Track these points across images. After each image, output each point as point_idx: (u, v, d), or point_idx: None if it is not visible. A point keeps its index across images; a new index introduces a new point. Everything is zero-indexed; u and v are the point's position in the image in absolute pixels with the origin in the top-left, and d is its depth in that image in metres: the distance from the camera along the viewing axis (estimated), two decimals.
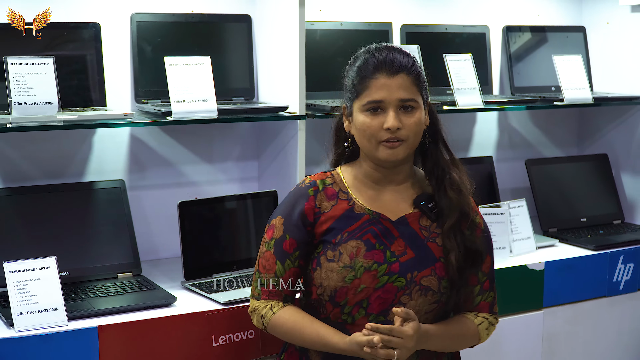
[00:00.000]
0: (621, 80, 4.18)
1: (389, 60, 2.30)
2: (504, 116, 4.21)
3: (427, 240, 2.35)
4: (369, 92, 2.29)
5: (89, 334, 2.55)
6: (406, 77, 2.30)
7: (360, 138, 2.33)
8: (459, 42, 3.92)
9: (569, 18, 4.34)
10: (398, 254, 2.32)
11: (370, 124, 2.28)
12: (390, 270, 2.30)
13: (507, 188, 4.15)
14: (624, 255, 3.67)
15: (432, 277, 2.32)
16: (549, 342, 3.51)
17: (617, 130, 4.23)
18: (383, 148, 2.29)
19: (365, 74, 2.31)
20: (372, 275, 2.29)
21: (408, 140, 2.30)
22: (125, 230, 3.08)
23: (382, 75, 2.29)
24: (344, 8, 3.69)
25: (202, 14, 3.33)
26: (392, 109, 2.27)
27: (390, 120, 2.26)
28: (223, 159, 3.49)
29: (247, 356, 2.80)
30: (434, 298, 2.32)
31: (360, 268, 2.29)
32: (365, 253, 2.30)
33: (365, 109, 2.30)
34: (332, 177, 2.43)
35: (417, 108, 2.31)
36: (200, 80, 2.96)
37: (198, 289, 2.93)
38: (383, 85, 2.28)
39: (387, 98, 2.27)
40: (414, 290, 2.30)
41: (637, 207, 4.18)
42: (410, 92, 2.30)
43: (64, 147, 3.18)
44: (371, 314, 2.30)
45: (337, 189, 2.40)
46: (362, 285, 2.28)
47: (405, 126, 2.28)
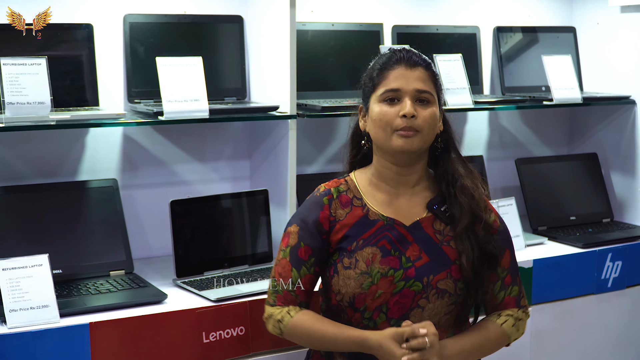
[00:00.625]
0: (611, 80, 4.22)
1: (407, 55, 2.38)
2: (494, 116, 4.25)
3: (441, 244, 2.39)
4: (386, 82, 2.36)
5: (80, 330, 2.59)
6: (424, 71, 2.37)
7: (376, 129, 2.37)
8: (450, 43, 3.96)
9: (560, 18, 4.37)
10: (413, 259, 2.36)
11: (387, 111, 2.33)
12: (407, 275, 2.34)
13: (498, 187, 4.19)
14: (612, 253, 3.70)
15: (448, 280, 2.35)
16: (537, 338, 3.55)
17: (607, 129, 4.27)
18: (397, 137, 2.33)
19: (384, 67, 2.38)
20: (389, 280, 2.33)
21: (422, 132, 2.34)
22: (118, 229, 3.12)
23: (400, 67, 2.36)
24: (336, 9, 3.72)
25: (194, 14, 3.37)
26: (408, 97, 2.33)
27: (407, 107, 2.31)
28: (215, 158, 3.53)
29: (237, 352, 2.83)
30: (451, 300, 2.36)
31: (377, 274, 2.33)
32: (381, 259, 2.34)
33: (382, 99, 2.35)
34: (345, 183, 2.47)
35: (432, 102, 2.37)
36: (191, 80, 3.00)
37: (189, 286, 2.96)
38: (401, 75, 2.35)
39: (404, 87, 2.34)
40: (430, 294, 2.34)
41: (626, 205, 4.21)
42: (427, 85, 2.36)
43: (58, 146, 3.22)
44: (392, 319, 2.34)
45: (352, 195, 2.44)
46: (379, 291, 2.32)
47: (421, 116, 2.33)
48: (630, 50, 4.11)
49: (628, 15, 4.09)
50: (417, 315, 2.34)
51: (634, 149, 4.14)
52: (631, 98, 4.09)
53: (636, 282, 3.83)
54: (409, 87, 2.33)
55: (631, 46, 4.10)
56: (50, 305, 2.60)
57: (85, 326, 2.59)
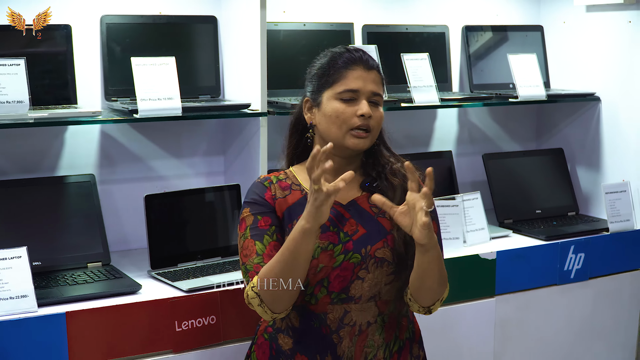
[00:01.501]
0: (577, 77, 4.33)
1: (364, 58, 2.48)
2: (463, 112, 4.36)
3: (377, 216, 2.49)
4: (345, 82, 2.44)
5: (57, 319, 2.70)
6: (377, 75, 2.49)
7: (330, 125, 2.45)
8: (420, 42, 4.07)
9: (527, 17, 4.48)
10: (351, 234, 2.45)
11: (345, 110, 2.42)
12: (346, 249, 2.43)
13: (467, 182, 4.31)
14: (574, 245, 3.81)
15: (385, 249, 2.45)
16: (502, 328, 3.66)
17: (573, 125, 4.38)
18: (351, 136, 2.43)
19: (341, 65, 2.47)
20: (329, 254, 2.41)
21: (373, 132, 2.45)
22: (95, 223, 3.23)
23: (359, 68, 2.46)
24: (307, 9, 3.83)
25: (169, 15, 3.47)
26: (365, 98, 2.44)
27: (365, 107, 2.42)
28: (190, 154, 3.64)
29: (208, 341, 2.94)
30: (390, 269, 2.45)
31: (317, 249, 2.41)
32: (320, 235, 2.42)
33: (340, 97, 2.44)
34: (285, 174, 2.56)
35: (381, 104, 2.49)
36: (165, 79, 3.10)
37: (163, 277, 3.08)
38: (360, 77, 2.45)
39: (362, 88, 2.44)
40: (370, 264, 2.43)
41: (591, 199, 4.33)
42: (379, 88, 2.48)
43: (38, 143, 3.32)
44: (333, 292, 2.43)
45: (290, 182, 2.53)
46: (320, 265, 2.41)
47: (374, 117, 2.44)
48: (595, 49, 4.22)
49: (593, 15, 4.21)
50: (358, 287, 2.42)
51: (598, 144, 4.25)
52: (596, 95, 4.21)
53: (599, 273, 3.94)
54: (367, 88, 2.44)
55: (596, 44, 4.21)
56: (28, 295, 2.71)
57: (61, 315, 2.70)
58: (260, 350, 2.56)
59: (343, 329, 2.44)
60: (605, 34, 4.16)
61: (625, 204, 3.97)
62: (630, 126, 4.09)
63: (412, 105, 3.62)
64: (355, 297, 2.43)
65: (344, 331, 2.44)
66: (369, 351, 2.47)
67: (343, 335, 2.44)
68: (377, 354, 2.48)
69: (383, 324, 2.48)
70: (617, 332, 4.06)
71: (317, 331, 2.45)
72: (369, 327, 2.45)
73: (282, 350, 2.50)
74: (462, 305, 3.52)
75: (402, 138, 4.13)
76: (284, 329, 2.50)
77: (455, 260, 3.48)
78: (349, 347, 2.45)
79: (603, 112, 4.22)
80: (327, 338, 2.45)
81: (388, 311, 2.49)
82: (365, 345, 2.46)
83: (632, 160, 4.09)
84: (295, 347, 2.48)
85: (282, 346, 2.50)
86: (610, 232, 3.94)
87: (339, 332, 2.44)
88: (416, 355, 2.60)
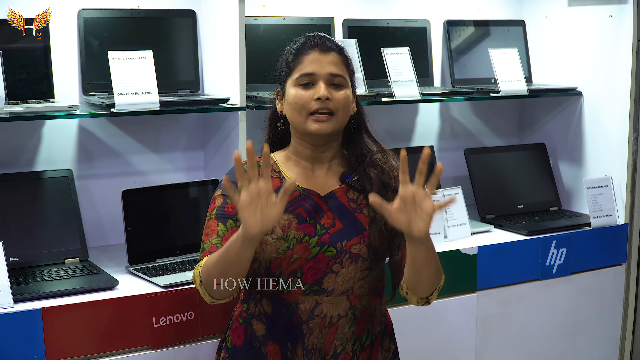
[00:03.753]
0: (559, 72, 4.32)
1: (321, 41, 2.48)
2: (445, 107, 4.35)
3: (354, 212, 2.48)
4: (301, 67, 2.44)
5: (33, 315, 2.67)
6: (337, 56, 2.47)
7: (292, 112, 2.45)
8: (401, 36, 4.05)
9: (509, 12, 4.47)
10: (327, 227, 2.44)
11: (302, 95, 2.42)
12: (321, 242, 2.42)
13: (449, 177, 4.29)
14: (556, 241, 3.81)
15: (361, 245, 2.44)
16: (484, 323, 3.65)
17: (555, 120, 4.38)
18: (312, 121, 2.42)
19: (298, 52, 2.48)
20: (304, 246, 2.41)
21: (337, 114, 2.43)
22: (73, 218, 3.20)
23: (314, 52, 2.45)
24: (287, 3, 3.81)
25: (147, 9, 3.44)
26: (322, 81, 2.42)
27: (321, 90, 2.40)
28: (170, 149, 3.61)
29: (186, 336, 2.93)
30: (365, 265, 2.45)
31: (292, 240, 2.41)
32: (297, 226, 2.42)
33: (298, 83, 2.44)
34: None
35: (345, 86, 2.46)
36: (142, 73, 3.08)
37: (141, 273, 3.06)
38: (315, 60, 2.44)
39: (319, 71, 2.43)
40: (344, 259, 2.43)
41: (573, 194, 4.33)
42: (340, 69, 2.46)
43: (15, 138, 3.29)
44: (305, 283, 2.42)
45: (270, 168, 2.52)
46: (294, 256, 2.40)
47: (335, 99, 2.42)
48: (577, 43, 4.22)
49: (575, 9, 4.20)
50: (331, 280, 2.42)
51: (580, 139, 4.25)
52: (578, 90, 4.20)
53: (581, 268, 3.94)
54: (323, 71, 2.43)
55: (578, 39, 4.21)
56: (4, 290, 2.68)
57: (37, 311, 2.68)
58: (235, 334, 2.56)
59: (313, 320, 2.43)
60: (587, 29, 4.16)
61: (607, 199, 3.97)
62: (612, 121, 4.08)
63: (392, 100, 3.60)
64: (328, 290, 2.42)
65: (314, 322, 2.43)
66: (338, 344, 2.46)
67: (313, 326, 2.44)
68: (346, 346, 2.47)
69: (354, 318, 2.47)
70: (599, 328, 4.06)
71: (288, 320, 2.44)
72: (339, 320, 2.44)
73: (256, 335, 2.50)
74: (443, 300, 3.50)
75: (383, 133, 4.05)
76: (257, 315, 2.49)
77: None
78: (318, 339, 2.44)
79: (585, 107, 4.21)
80: (297, 328, 2.44)
81: (360, 305, 2.48)
82: (335, 337, 2.46)
83: (614, 155, 4.09)
84: (267, 333, 2.48)
85: (256, 331, 2.50)
86: (592, 227, 3.95)
87: (309, 323, 2.44)
88: (387, 347, 2.60)
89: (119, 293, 2.87)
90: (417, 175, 2.20)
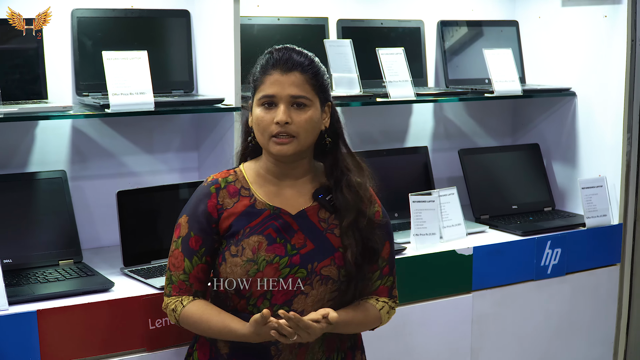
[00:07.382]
0: (552, 72, 4.32)
1: (284, 59, 2.40)
2: (439, 108, 4.34)
3: (325, 232, 2.46)
4: (263, 87, 2.40)
5: (28, 317, 2.65)
6: (299, 75, 2.39)
7: (256, 131, 2.42)
8: (395, 37, 4.05)
9: (503, 12, 4.47)
10: (298, 247, 2.42)
11: (264, 117, 2.38)
12: (292, 262, 2.40)
13: (443, 177, 4.28)
14: (551, 241, 3.81)
15: (331, 267, 2.43)
16: (479, 324, 3.64)
17: (549, 121, 4.38)
18: (273, 143, 2.39)
19: (261, 70, 2.43)
20: (275, 267, 2.39)
21: (299, 137, 2.39)
22: (67, 220, 3.18)
23: (276, 72, 2.39)
24: (281, 3, 3.80)
25: (141, 9, 3.42)
26: (283, 104, 2.37)
27: (280, 114, 2.36)
28: (164, 150, 3.59)
29: (182, 339, 2.89)
30: (334, 287, 2.44)
31: (262, 262, 2.39)
32: (267, 247, 2.40)
33: (260, 103, 2.40)
34: (235, 174, 2.51)
35: (309, 106, 2.40)
36: (137, 73, 3.06)
37: (136, 274, 3.04)
38: (276, 81, 2.38)
39: (279, 93, 2.37)
40: (314, 280, 2.41)
41: (567, 194, 4.33)
42: (303, 89, 2.39)
43: (8, 139, 3.27)
44: (275, 305, 2.40)
45: (239, 185, 2.48)
46: (265, 278, 2.39)
47: (295, 122, 2.37)
48: (570, 43, 4.21)
49: (568, 9, 4.20)
50: (301, 302, 2.41)
51: (574, 140, 4.25)
52: (572, 90, 4.20)
53: (576, 269, 3.94)
54: (284, 92, 2.37)
55: (572, 39, 4.20)
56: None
57: (32, 314, 2.66)
58: (201, 351, 2.55)
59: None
60: (580, 29, 4.15)
61: (601, 199, 3.97)
62: (605, 121, 4.08)
63: (387, 100, 3.60)
64: (298, 311, 2.39)
65: (284, 344, 2.40)
66: None
67: (282, 348, 2.42)
68: None
69: (324, 338, 2.46)
70: (594, 328, 4.06)
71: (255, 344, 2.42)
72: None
73: (220, 353, 2.49)
74: (438, 301, 3.50)
75: (378, 133, 4.11)
76: None
77: (432, 256, 3.47)
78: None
79: (579, 107, 4.21)
80: (265, 349, 2.42)
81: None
82: (305, 359, 2.45)
83: (608, 155, 4.08)
84: (231, 353, 2.47)
85: (220, 349, 2.49)
86: (586, 227, 3.94)
87: (278, 345, 2.42)
88: None
89: (115, 295, 2.85)
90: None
